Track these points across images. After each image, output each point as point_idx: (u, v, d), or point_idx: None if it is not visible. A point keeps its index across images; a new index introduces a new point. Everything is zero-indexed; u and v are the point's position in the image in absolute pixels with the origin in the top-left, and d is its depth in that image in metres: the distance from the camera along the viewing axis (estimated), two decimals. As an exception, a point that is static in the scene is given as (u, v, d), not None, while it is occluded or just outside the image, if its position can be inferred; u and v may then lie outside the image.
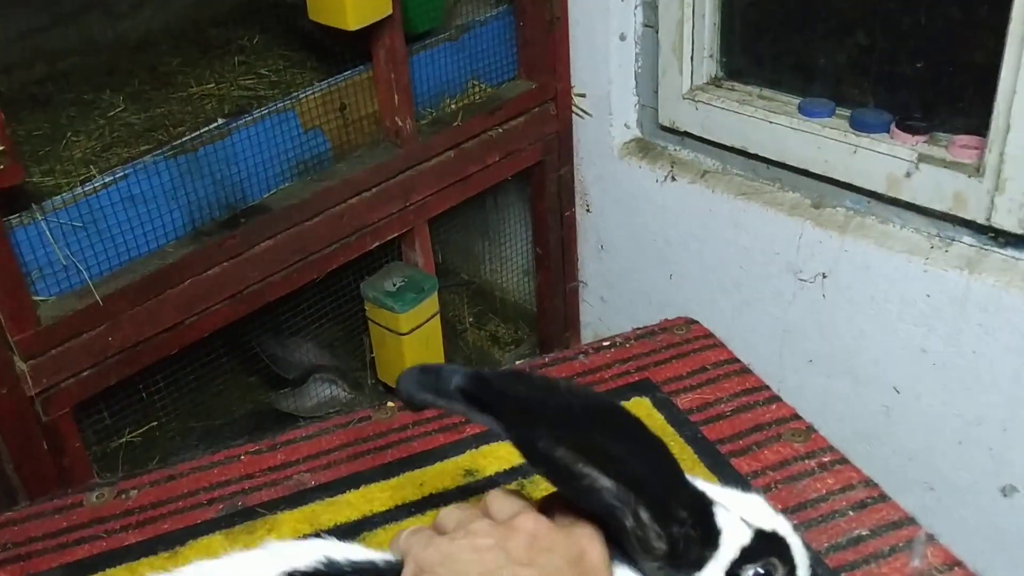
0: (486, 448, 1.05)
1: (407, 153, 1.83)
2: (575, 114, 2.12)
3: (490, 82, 2.04)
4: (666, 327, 1.26)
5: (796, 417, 1.09)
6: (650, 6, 1.92)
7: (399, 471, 1.05)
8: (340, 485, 1.03)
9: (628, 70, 2.02)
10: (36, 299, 1.42)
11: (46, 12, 1.99)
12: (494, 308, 2.51)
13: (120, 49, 2.05)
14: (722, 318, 1.93)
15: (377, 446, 1.09)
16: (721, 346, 1.22)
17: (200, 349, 1.71)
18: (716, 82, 1.92)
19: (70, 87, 1.90)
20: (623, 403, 1.11)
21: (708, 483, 0.68)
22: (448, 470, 1.04)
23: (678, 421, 1.09)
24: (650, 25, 1.94)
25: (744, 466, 1.03)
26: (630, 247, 2.13)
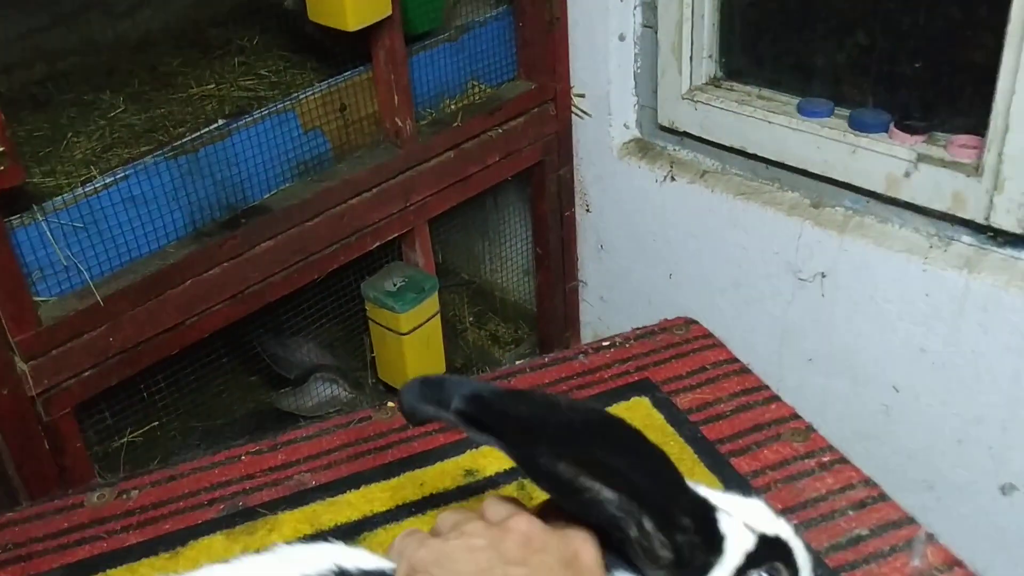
0: (486, 448, 1.05)
1: (407, 153, 1.83)
2: (575, 114, 2.12)
3: (490, 83, 2.04)
4: (666, 327, 1.27)
5: (796, 417, 1.10)
6: (649, 7, 1.92)
7: (399, 471, 1.05)
8: (341, 485, 1.03)
9: (627, 70, 2.02)
10: (37, 300, 1.42)
11: (46, 12, 1.99)
12: (494, 308, 2.51)
13: (120, 49, 2.05)
14: (721, 317, 1.93)
15: (378, 446, 1.09)
16: (721, 346, 1.22)
17: (201, 349, 1.71)
18: (715, 82, 1.92)
19: (70, 87, 1.90)
20: (623, 403, 1.13)
21: (710, 489, 0.68)
22: (448, 470, 1.05)
23: (678, 421, 1.10)
24: (649, 25, 1.94)
25: (744, 466, 1.03)
26: (630, 247, 2.13)
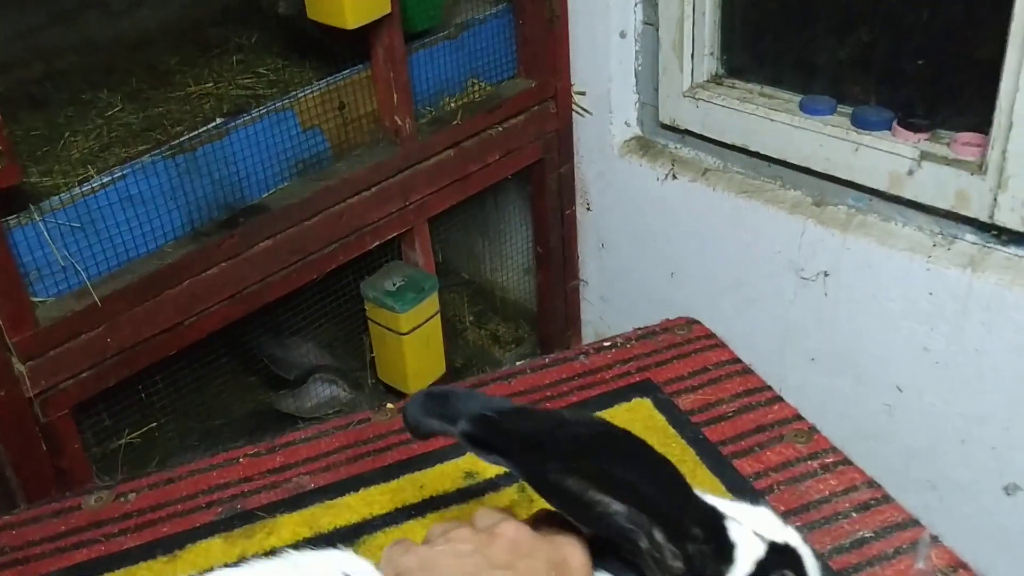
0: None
1: (406, 152, 1.82)
2: (575, 112, 2.12)
3: (490, 80, 2.03)
4: (667, 327, 1.26)
5: (798, 418, 1.09)
6: (650, 3, 1.91)
7: (399, 473, 1.04)
8: (340, 488, 1.03)
9: (628, 68, 2.01)
10: (34, 300, 1.42)
11: (44, 10, 1.98)
12: (494, 307, 2.50)
13: (118, 48, 2.04)
14: (723, 317, 1.92)
15: (377, 448, 1.08)
16: (723, 346, 1.21)
17: (199, 350, 1.70)
18: (717, 80, 1.91)
19: (68, 86, 1.89)
20: (624, 404, 1.12)
21: (718, 498, 0.69)
22: (448, 472, 1.04)
23: (679, 422, 1.09)
24: (650, 23, 1.93)
25: (746, 468, 1.02)
26: (631, 246, 2.12)
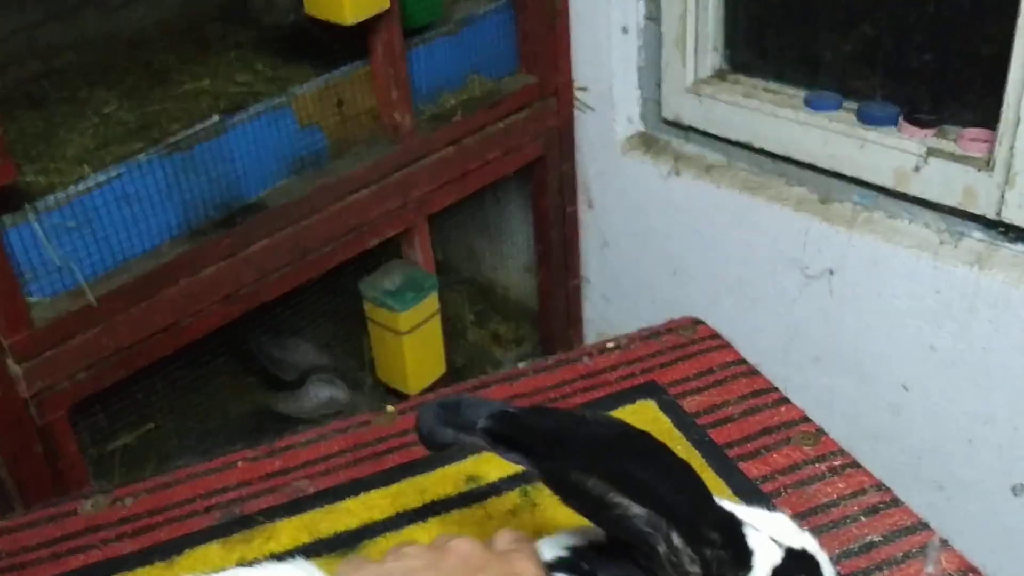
0: (488, 453, 1.03)
1: (406, 149, 1.81)
2: (577, 108, 2.10)
3: (490, 76, 2.01)
4: (672, 327, 1.24)
5: (805, 420, 1.07)
6: (652, -2, 1.90)
7: (400, 477, 1.03)
8: (340, 492, 1.01)
9: (631, 63, 1.99)
10: (29, 300, 1.40)
11: (41, 8, 1.97)
12: (495, 306, 2.49)
13: (114, 45, 2.02)
14: (726, 315, 1.91)
15: (377, 451, 1.07)
16: (728, 347, 1.20)
17: (197, 350, 1.69)
18: (720, 75, 1.89)
19: (64, 84, 1.87)
20: (628, 406, 1.11)
21: (734, 504, 0.69)
22: (450, 476, 1.02)
23: (685, 424, 1.07)
24: (652, 18, 1.91)
25: (753, 470, 1.01)
26: (633, 243, 2.10)
